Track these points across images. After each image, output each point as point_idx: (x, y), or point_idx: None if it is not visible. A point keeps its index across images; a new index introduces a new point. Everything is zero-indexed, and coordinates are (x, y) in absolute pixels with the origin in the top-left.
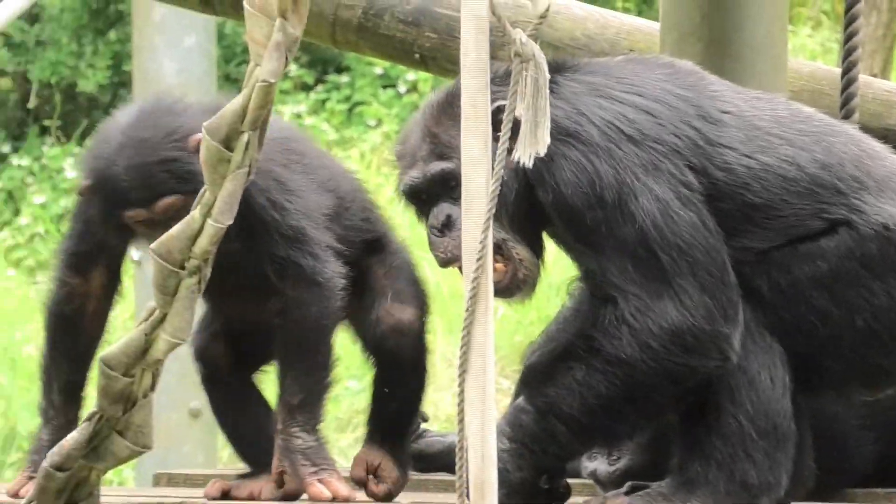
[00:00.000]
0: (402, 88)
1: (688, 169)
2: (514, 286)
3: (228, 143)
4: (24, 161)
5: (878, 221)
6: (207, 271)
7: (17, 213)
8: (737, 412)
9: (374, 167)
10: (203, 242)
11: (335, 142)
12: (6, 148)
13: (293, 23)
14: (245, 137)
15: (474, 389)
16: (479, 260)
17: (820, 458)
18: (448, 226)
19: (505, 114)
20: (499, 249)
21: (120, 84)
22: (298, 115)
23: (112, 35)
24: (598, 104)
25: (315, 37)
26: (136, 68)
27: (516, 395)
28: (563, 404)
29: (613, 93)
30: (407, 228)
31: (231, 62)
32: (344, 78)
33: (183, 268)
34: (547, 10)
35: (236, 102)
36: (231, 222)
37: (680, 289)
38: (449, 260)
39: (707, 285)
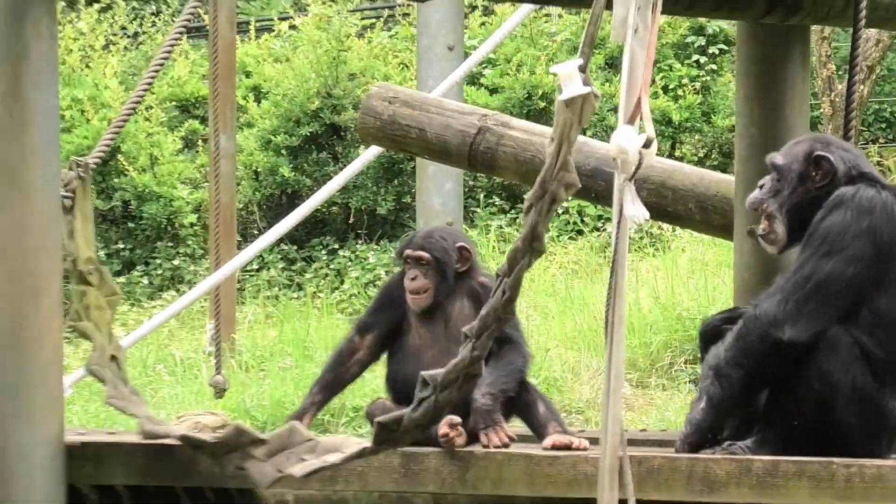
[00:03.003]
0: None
1: (866, 278)
2: (765, 240)
3: None
4: (346, 253)
5: None
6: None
7: (342, 282)
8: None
9: None
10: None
11: None
12: (335, 245)
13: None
14: None
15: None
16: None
17: None
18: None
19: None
20: (769, 217)
21: (401, 210)
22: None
23: (396, 182)
24: (879, 215)
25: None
26: (417, 201)
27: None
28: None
29: (887, 216)
30: None
31: (469, 197)
32: None
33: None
34: (638, 166)
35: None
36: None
37: (788, 302)
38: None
39: (807, 311)
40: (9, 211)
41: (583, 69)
